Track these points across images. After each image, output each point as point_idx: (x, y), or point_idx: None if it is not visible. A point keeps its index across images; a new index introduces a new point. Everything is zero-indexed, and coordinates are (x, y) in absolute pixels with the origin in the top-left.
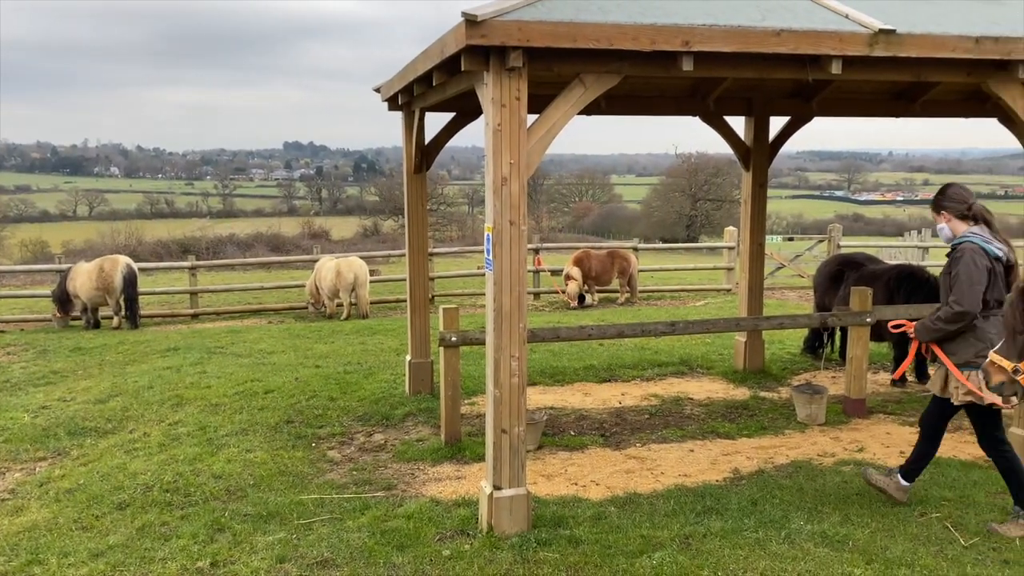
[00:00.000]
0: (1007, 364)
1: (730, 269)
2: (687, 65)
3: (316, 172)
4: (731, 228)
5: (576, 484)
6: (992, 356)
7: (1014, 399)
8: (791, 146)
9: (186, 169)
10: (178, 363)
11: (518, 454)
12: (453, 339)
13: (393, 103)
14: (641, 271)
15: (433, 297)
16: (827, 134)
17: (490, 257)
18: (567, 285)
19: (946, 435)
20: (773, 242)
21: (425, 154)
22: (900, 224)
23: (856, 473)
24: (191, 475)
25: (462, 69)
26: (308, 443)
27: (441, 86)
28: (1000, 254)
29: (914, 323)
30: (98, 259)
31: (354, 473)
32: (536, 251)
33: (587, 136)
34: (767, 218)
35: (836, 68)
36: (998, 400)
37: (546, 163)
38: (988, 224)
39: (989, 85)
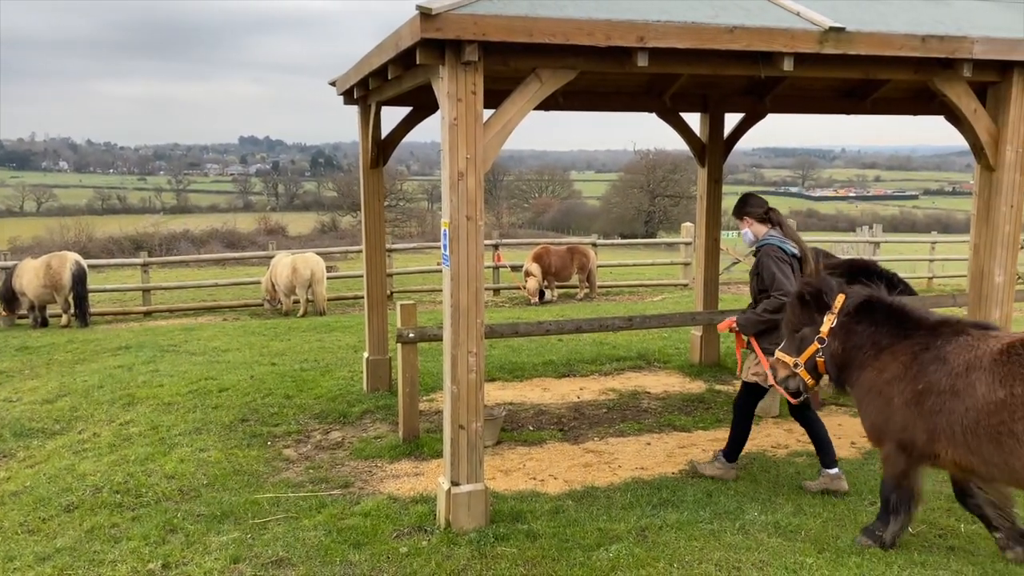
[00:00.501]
0: (789, 360)
1: (687, 264)
2: (642, 61)
3: (272, 167)
4: (688, 224)
5: (534, 479)
6: (778, 353)
7: (801, 392)
8: (747, 143)
9: (138, 164)
10: (130, 362)
11: (476, 450)
12: (411, 335)
13: (349, 97)
14: (600, 267)
15: (392, 294)
16: (782, 131)
17: (447, 253)
18: (527, 281)
19: None
20: (729, 237)
21: (382, 149)
22: (853, 219)
23: (809, 464)
24: (142, 476)
25: (417, 63)
26: (263, 442)
27: (397, 80)
28: (795, 252)
29: (734, 319)
30: (46, 256)
31: (310, 471)
32: (496, 247)
33: (547, 133)
34: (724, 214)
35: (788, 65)
36: (786, 395)
37: (506, 159)
38: (782, 226)
39: (935, 83)
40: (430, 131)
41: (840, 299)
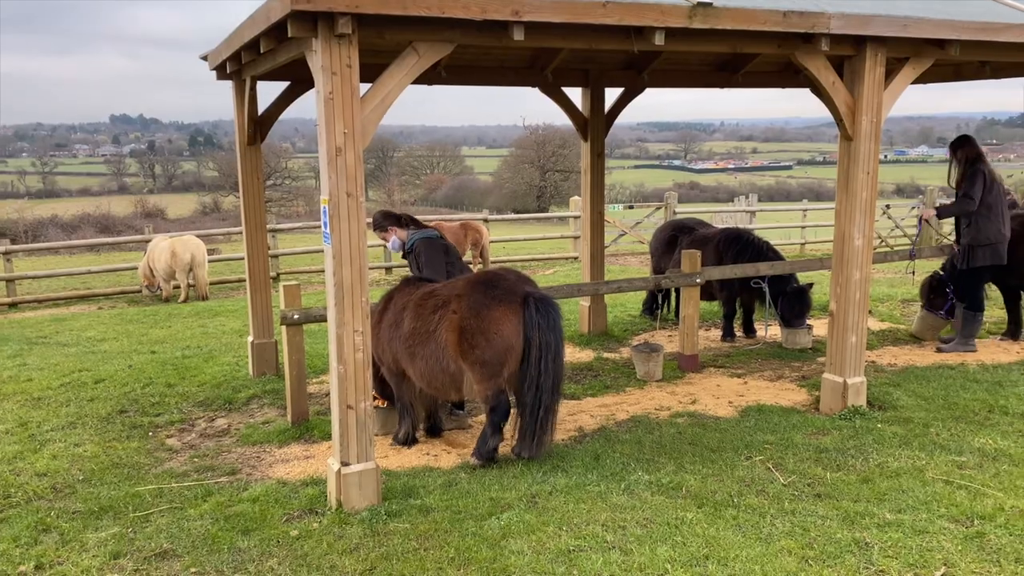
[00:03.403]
0: None
1: (577, 238)
2: (518, 35)
3: (148, 147)
4: (576, 198)
5: (428, 454)
6: None
7: None
8: (632, 117)
9: None
10: None
11: (365, 429)
12: (295, 317)
13: (222, 72)
14: (493, 242)
15: (279, 275)
16: (665, 106)
17: (327, 231)
18: None
19: (768, 383)
20: (615, 210)
21: (259, 125)
22: (732, 190)
23: (691, 424)
24: (11, 475)
25: (289, 36)
26: (144, 433)
27: (271, 53)
28: (440, 235)
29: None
30: None
31: (195, 460)
32: None
33: (436, 107)
34: (612, 188)
35: (659, 39)
36: None
37: (395, 134)
38: (416, 222)
39: (797, 56)
40: (314, 107)
41: None
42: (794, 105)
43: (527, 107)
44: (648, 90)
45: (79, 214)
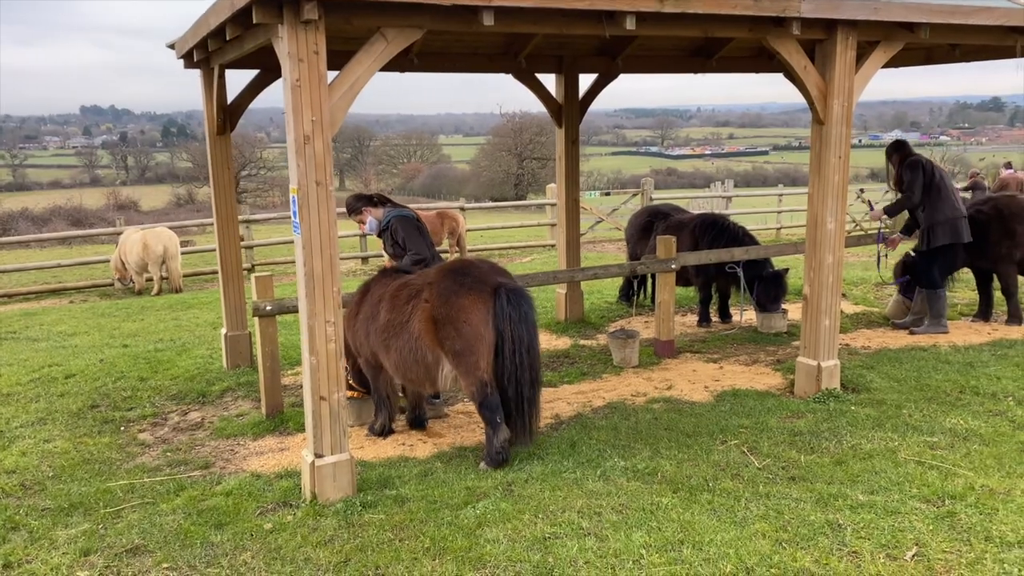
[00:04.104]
0: None
1: (554, 225)
2: (488, 20)
3: (120, 138)
4: (553, 185)
5: (404, 444)
6: None
7: None
8: (609, 103)
9: None
10: None
11: (339, 420)
12: (268, 308)
13: (189, 60)
14: (471, 231)
15: (253, 266)
16: (641, 92)
17: (297, 220)
18: None
19: (744, 368)
20: (592, 197)
21: (229, 114)
22: (708, 176)
23: (667, 409)
24: None
25: (254, 22)
26: (116, 427)
27: (238, 40)
28: (414, 215)
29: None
30: None
31: (168, 455)
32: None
33: (413, 96)
34: (590, 175)
35: (631, 24)
36: None
37: (371, 123)
38: (390, 201)
39: (768, 40)
40: None
41: None
42: (770, 91)
43: (504, 95)
44: (624, 76)
45: (50, 207)
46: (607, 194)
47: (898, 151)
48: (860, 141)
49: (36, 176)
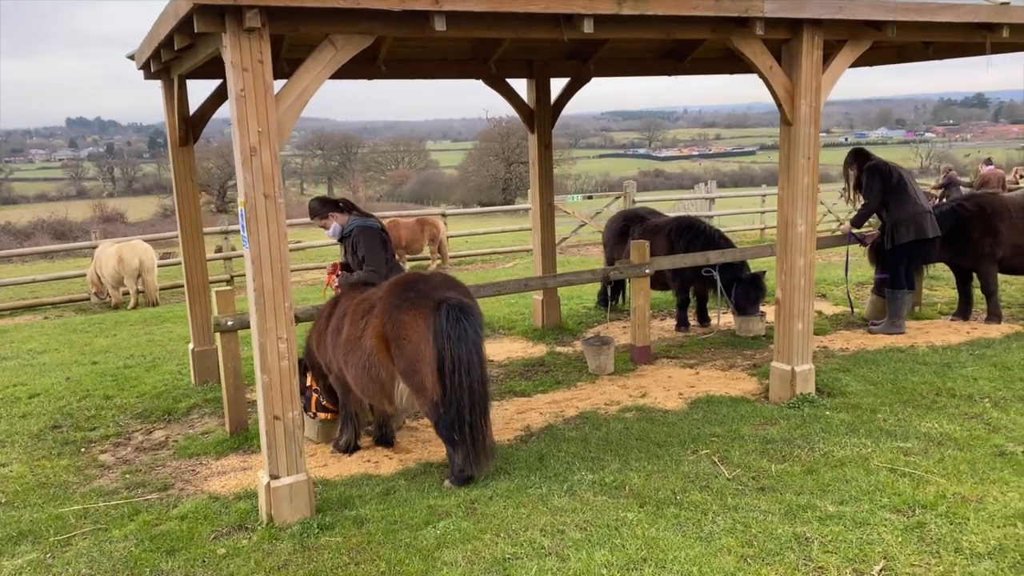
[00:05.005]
0: None
1: None
2: (440, 25)
3: (107, 150)
4: None
5: (369, 461)
6: None
7: None
8: (595, 106)
9: None
10: None
11: (295, 439)
12: (230, 323)
13: (148, 71)
14: (454, 237)
15: (232, 278)
16: (627, 95)
17: (245, 235)
18: None
19: (720, 373)
20: (574, 200)
21: (191, 125)
22: (696, 177)
23: (639, 418)
24: None
25: (196, 31)
26: (76, 449)
27: (191, 50)
28: (380, 225)
29: (338, 278)
30: None
31: (127, 476)
32: None
33: (400, 102)
34: (577, 178)
35: (588, 27)
36: None
37: (359, 130)
38: (356, 208)
39: (732, 41)
40: None
41: None
42: (755, 91)
43: (490, 100)
44: (610, 79)
45: (34, 220)
46: (590, 197)
47: (857, 159)
48: (846, 140)
49: (22, 189)
